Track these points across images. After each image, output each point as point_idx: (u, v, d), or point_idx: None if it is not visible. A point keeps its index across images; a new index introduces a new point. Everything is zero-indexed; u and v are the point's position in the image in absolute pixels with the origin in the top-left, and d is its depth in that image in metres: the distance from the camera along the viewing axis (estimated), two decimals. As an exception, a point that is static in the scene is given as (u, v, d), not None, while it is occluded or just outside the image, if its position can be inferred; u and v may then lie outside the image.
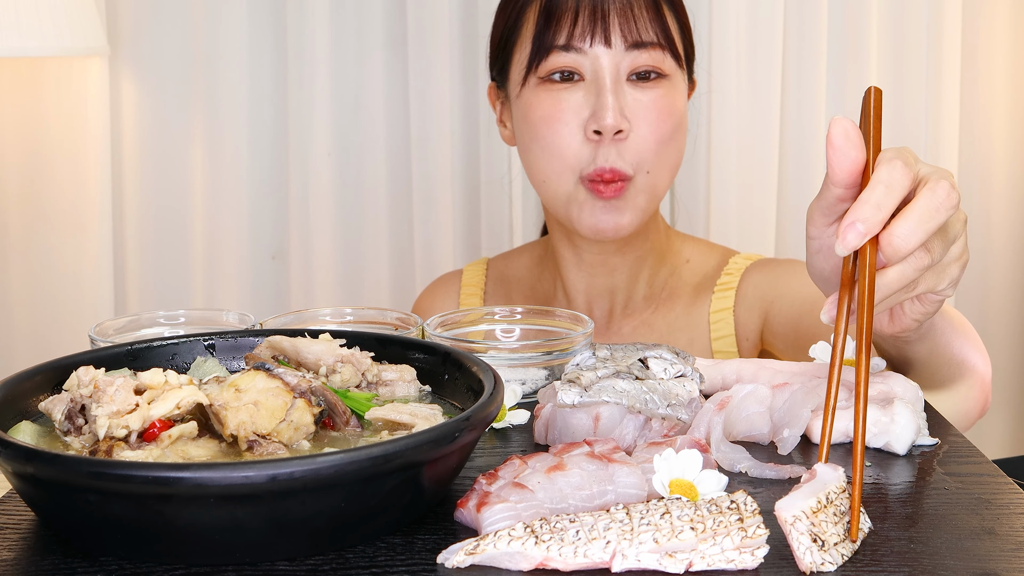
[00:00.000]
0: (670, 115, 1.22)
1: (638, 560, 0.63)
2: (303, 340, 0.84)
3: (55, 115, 2.03)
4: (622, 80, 1.21)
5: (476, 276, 1.47)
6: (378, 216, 2.07)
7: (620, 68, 1.21)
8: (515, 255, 1.48)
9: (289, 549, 0.64)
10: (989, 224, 2.19)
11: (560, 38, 1.21)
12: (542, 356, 0.93)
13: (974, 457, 0.80)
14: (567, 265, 1.34)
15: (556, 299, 1.38)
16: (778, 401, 0.83)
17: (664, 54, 1.22)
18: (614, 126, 1.18)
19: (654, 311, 1.35)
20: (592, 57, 1.20)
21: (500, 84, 1.32)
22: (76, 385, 0.74)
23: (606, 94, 1.19)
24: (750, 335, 1.33)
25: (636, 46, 1.21)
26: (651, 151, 1.21)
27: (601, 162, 1.20)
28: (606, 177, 1.20)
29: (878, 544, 0.66)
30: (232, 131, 2.04)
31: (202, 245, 2.08)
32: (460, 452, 0.70)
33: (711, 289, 1.34)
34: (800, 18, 2.02)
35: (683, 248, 1.38)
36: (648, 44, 1.21)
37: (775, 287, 1.31)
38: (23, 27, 1.72)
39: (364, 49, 2.03)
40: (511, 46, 1.27)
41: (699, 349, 1.33)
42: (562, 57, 1.21)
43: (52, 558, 0.66)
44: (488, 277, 1.47)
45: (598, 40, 1.20)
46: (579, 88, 1.21)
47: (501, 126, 1.35)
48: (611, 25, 1.20)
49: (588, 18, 1.20)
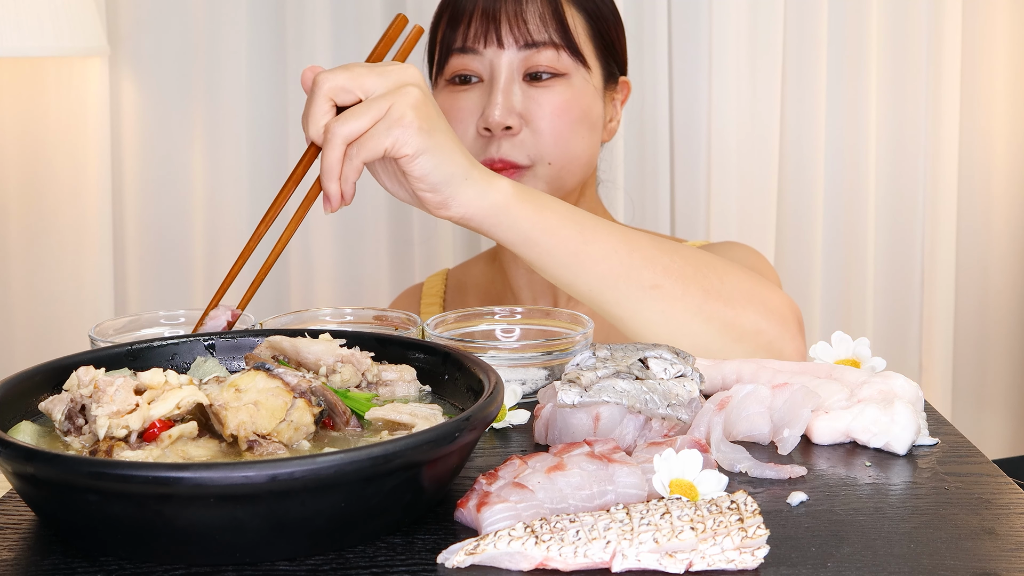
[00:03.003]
0: (566, 111, 1.25)
1: (638, 560, 0.63)
2: (303, 340, 0.84)
3: (55, 115, 2.03)
4: (515, 79, 1.25)
5: (436, 287, 1.51)
6: (378, 216, 2.07)
7: (513, 67, 1.25)
8: (472, 262, 1.53)
9: (289, 549, 0.64)
10: (989, 224, 2.19)
11: (457, 41, 1.26)
12: (542, 356, 0.93)
13: (974, 457, 0.80)
14: (507, 262, 1.39)
15: (505, 299, 1.42)
16: (778, 401, 0.83)
17: (560, 53, 1.25)
18: (500, 123, 1.22)
19: None
20: (487, 58, 1.25)
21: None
22: (76, 385, 0.74)
23: (496, 92, 1.23)
24: None
25: (528, 46, 1.24)
26: (549, 144, 1.25)
27: (491, 153, 1.23)
28: (495, 166, 1.23)
29: (878, 544, 0.66)
30: (232, 131, 2.04)
31: (202, 245, 2.08)
32: (460, 452, 0.70)
33: None
34: (800, 18, 2.02)
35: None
36: (540, 44, 1.24)
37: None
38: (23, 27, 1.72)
39: (364, 49, 2.03)
40: (431, 51, 1.33)
41: None
42: (460, 59, 1.26)
43: (52, 558, 0.66)
44: (448, 286, 1.51)
45: (491, 42, 1.24)
46: (476, 89, 1.26)
47: None
48: (502, 27, 1.24)
49: (480, 21, 1.24)
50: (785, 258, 2.09)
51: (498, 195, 0.96)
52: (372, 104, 0.91)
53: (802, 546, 0.66)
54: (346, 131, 0.91)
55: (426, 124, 0.92)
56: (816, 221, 2.07)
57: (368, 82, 0.92)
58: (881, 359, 0.94)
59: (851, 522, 0.69)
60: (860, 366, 0.95)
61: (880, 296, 2.16)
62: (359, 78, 0.92)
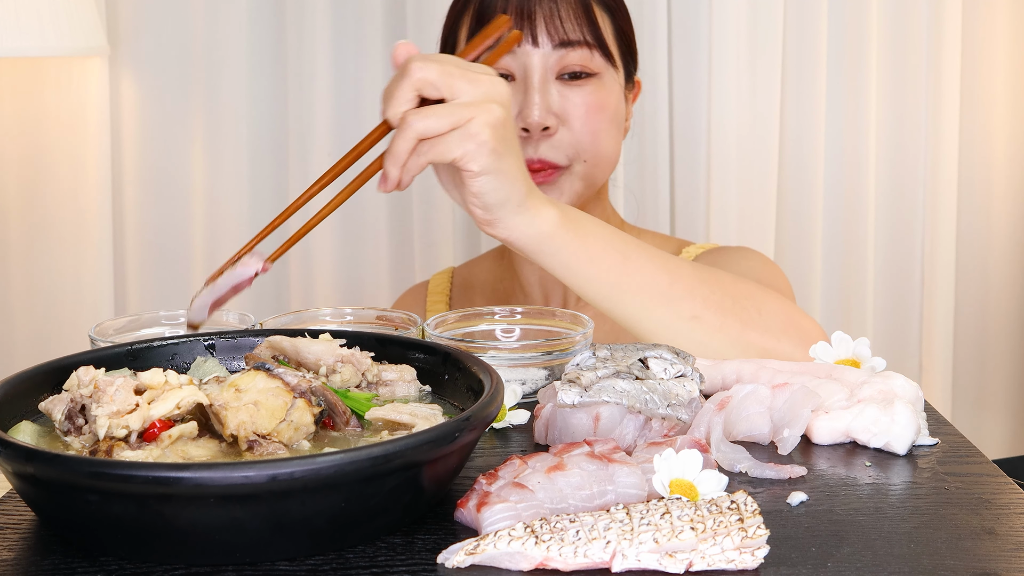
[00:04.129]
0: (600, 111, 1.26)
1: (638, 560, 0.63)
2: (303, 340, 0.84)
3: (55, 115, 2.03)
4: (550, 78, 1.25)
5: (441, 284, 1.51)
6: (378, 216, 2.07)
7: (548, 67, 1.24)
8: (478, 260, 1.53)
9: (289, 549, 0.64)
10: (989, 224, 2.19)
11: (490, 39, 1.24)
12: (542, 356, 0.93)
13: (974, 457, 0.80)
14: (519, 260, 1.38)
15: (515, 296, 1.42)
16: (778, 401, 0.83)
17: (592, 52, 1.25)
18: (539, 123, 1.22)
19: None
20: (521, 57, 1.24)
21: None
22: (76, 385, 0.74)
23: (533, 92, 1.23)
24: None
25: (563, 45, 1.24)
26: (586, 143, 1.25)
27: (531, 154, 1.23)
28: (534, 167, 1.23)
29: (878, 544, 0.66)
30: (232, 131, 2.04)
31: (202, 245, 2.08)
32: (460, 452, 0.70)
33: None
34: (800, 18, 2.02)
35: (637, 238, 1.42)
36: (575, 43, 1.24)
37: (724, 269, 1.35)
38: (23, 27, 1.72)
39: (364, 49, 2.03)
40: (451, 50, 1.31)
41: None
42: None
43: (52, 558, 0.66)
44: (453, 284, 1.51)
45: (526, 40, 1.24)
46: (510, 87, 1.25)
47: None
48: (538, 25, 1.23)
49: (516, 19, 1.24)
50: (785, 258, 2.09)
51: (544, 225, 0.96)
52: (455, 110, 0.91)
53: (802, 546, 0.66)
54: (422, 127, 0.91)
55: (500, 146, 0.92)
56: (816, 221, 2.07)
57: (458, 85, 0.91)
58: (881, 359, 0.94)
59: (851, 522, 0.69)
60: (860, 366, 0.95)
61: (880, 296, 2.16)
62: (450, 78, 0.91)
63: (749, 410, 0.83)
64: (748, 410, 0.83)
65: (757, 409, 0.83)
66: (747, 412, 0.83)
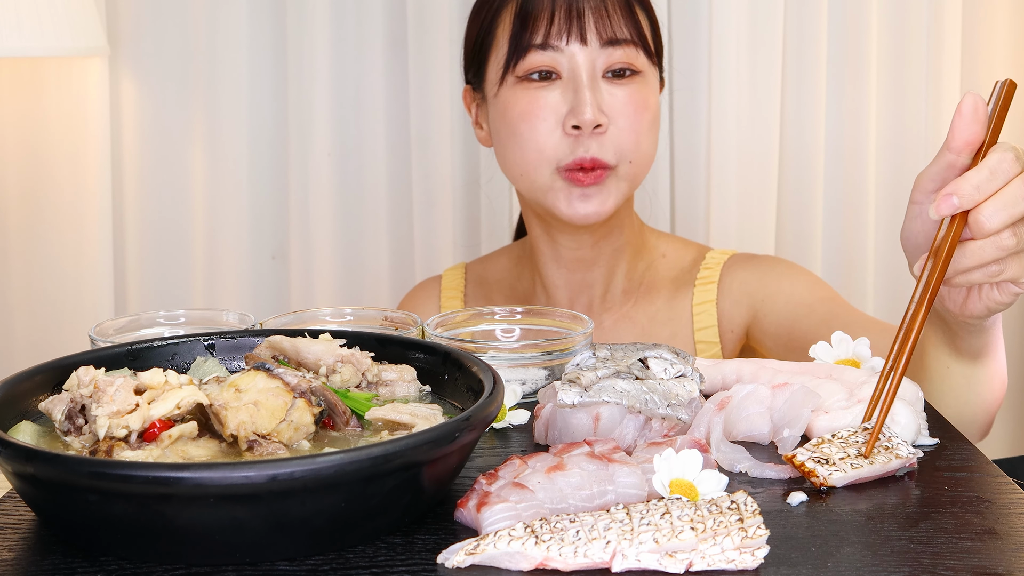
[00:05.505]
0: (645, 109, 1.26)
1: (638, 560, 0.63)
2: (303, 340, 0.84)
3: (55, 115, 2.03)
4: (598, 76, 1.24)
5: (455, 280, 1.49)
6: (378, 216, 2.07)
7: (596, 65, 1.24)
8: (492, 258, 1.52)
9: (289, 549, 0.64)
10: (989, 224, 2.19)
11: (537, 37, 1.24)
12: (542, 356, 0.93)
13: (974, 457, 0.80)
14: (545, 261, 1.37)
15: (536, 296, 1.41)
16: (778, 401, 0.83)
17: (637, 51, 1.26)
18: (593, 121, 1.22)
19: (633, 304, 1.38)
20: (569, 55, 1.24)
21: (476, 86, 1.35)
22: (76, 385, 0.74)
23: (584, 90, 1.22)
24: (735, 328, 1.37)
25: (611, 43, 1.24)
26: (631, 142, 1.25)
27: (581, 153, 1.23)
28: (586, 166, 1.23)
29: (878, 544, 0.66)
30: (232, 131, 2.04)
31: (202, 245, 2.08)
32: (460, 452, 0.70)
33: (692, 283, 1.38)
34: (800, 18, 2.02)
35: (658, 243, 1.42)
36: (622, 41, 1.24)
37: (765, 284, 1.36)
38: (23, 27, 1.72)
39: (364, 49, 2.03)
40: (487, 48, 1.30)
41: (682, 341, 1.37)
42: (540, 56, 1.24)
43: (52, 558, 0.66)
44: (467, 280, 1.50)
45: (574, 38, 1.23)
46: (556, 86, 1.25)
47: (477, 128, 1.38)
48: (587, 23, 1.23)
49: (564, 17, 1.23)
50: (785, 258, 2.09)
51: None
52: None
53: (802, 546, 0.66)
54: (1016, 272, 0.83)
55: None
56: (816, 221, 2.07)
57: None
58: (881, 359, 0.94)
59: (851, 522, 0.69)
60: (860, 366, 0.95)
61: (880, 297, 2.16)
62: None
63: (749, 410, 0.83)
64: (748, 410, 0.83)
65: (757, 409, 0.83)
66: (747, 412, 0.83)
